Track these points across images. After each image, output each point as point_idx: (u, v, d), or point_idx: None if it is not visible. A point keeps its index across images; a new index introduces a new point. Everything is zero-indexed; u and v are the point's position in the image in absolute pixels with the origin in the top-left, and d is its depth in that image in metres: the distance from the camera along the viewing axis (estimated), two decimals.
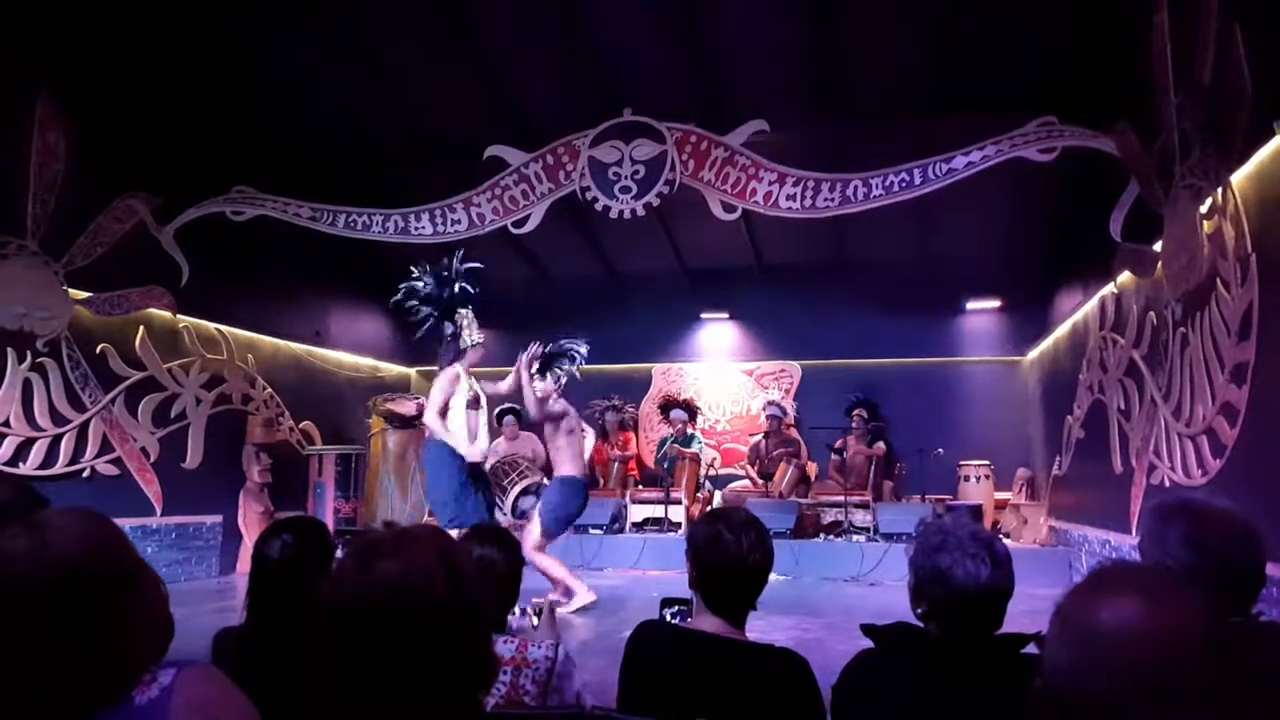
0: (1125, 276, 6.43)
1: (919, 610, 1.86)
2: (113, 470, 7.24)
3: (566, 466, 6.61)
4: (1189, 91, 4.81)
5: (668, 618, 2.16)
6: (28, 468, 6.49)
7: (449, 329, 6.52)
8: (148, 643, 1.27)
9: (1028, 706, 1.04)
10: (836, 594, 7.37)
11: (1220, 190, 4.53)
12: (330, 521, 8.96)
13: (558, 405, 6.72)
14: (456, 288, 6.53)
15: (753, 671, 1.92)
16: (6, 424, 6.41)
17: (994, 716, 1.65)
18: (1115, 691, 0.93)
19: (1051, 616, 1.02)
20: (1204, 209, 4.73)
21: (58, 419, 6.80)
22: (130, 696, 1.19)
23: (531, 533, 6.36)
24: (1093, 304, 7.48)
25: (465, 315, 6.51)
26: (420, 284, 6.59)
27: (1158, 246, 5.50)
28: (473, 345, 6.47)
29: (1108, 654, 0.94)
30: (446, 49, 7.45)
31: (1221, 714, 0.88)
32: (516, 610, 4.87)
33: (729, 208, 7.05)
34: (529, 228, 7.47)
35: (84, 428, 7.01)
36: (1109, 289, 6.87)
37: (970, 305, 10.84)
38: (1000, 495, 9.89)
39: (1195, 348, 4.94)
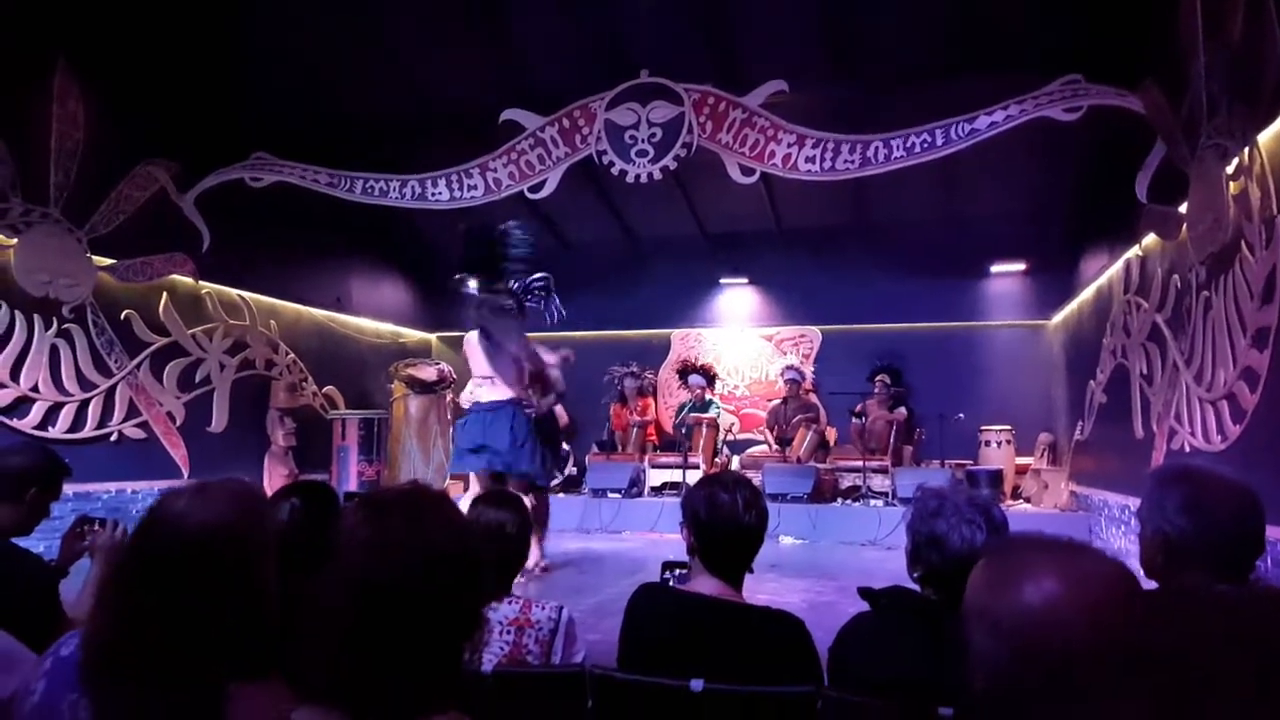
0: (1150, 239, 6.32)
1: (915, 574, 1.87)
2: (140, 434, 7.38)
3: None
4: (1218, 49, 4.69)
5: (669, 581, 2.18)
6: (56, 432, 6.62)
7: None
8: (243, 644, 1.33)
9: (971, 708, 0.99)
10: (852, 558, 7.39)
11: (1247, 150, 4.42)
12: (354, 484, 9.11)
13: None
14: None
15: (750, 633, 1.94)
16: (35, 389, 6.54)
17: None
18: (1021, 681, 0.88)
19: (965, 616, 0.97)
20: (1230, 169, 4.63)
21: (85, 384, 6.92)
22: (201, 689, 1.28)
23: None
24: (1118, 267, 7.37)
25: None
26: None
27: (1183, 208, 5.40)
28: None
29: (1036, 637, 0.90)
30: (461, 12, 7.39)
31: (1178, 682, 0.86)
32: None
33: (747, 170, 6.98)
34: (545, 192, 7.45)
35: (111, 393, 7.14)
36: (1134, 251, 6.75)
37: (994, 269, 10.70)
38: (1022, 460, 9.83)
39: (1218, 311, 4.86)
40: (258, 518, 1.41)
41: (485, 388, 6.19)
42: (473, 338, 6.35)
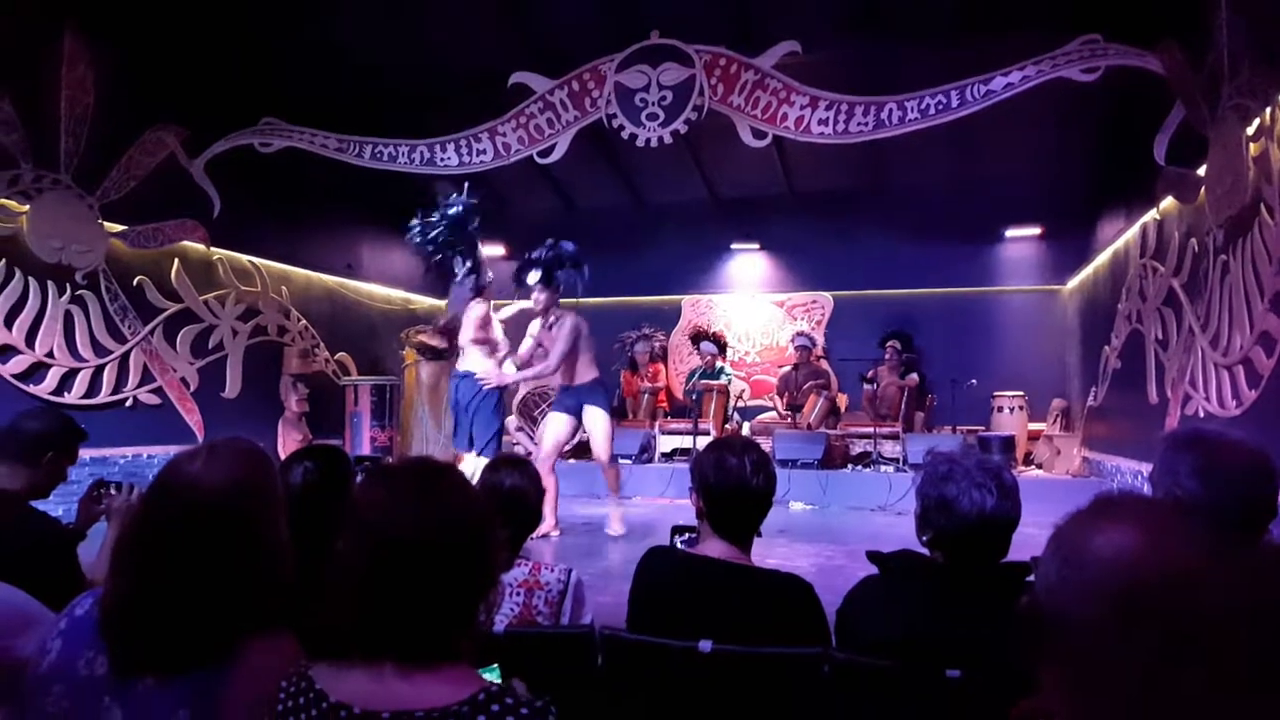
0: (1168, 202, 6.23)
1: (924, 537, 1.87)
2: (154, 400, 7.43)
3: (592, 370, 6.49)
4: (1241, 7, 4.59)
5: (678, 544, 2.19)
6: (72, 397, 6.67)
7: (465, 264, 6.50)
8: (260, 598, 1.37)
9: (1015, 621, 1.04)
10: (863, 523, 7.41)
11: (1268, 111, 4.34)
12: (368, 450, 9.16)
13: (564, 322, 6.37)
14: (475, 222, 6.49)
15: (757, 595, 1.95)
16: (50, 355, 6.58)
17: (994, 641, 1.66)
18: (1098, 616, 0.92)
19: (1049, 537, 1.02)
20: (1250, 131, 4.55)
21: (99, 350, 6.96)
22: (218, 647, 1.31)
23: (606, 448, 6.42)
24: (1134, 231, 7.29)
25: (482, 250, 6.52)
26: (436, 219, 6.58)
27: (1202, 170, 5.32)
28: (489, 281, 6.50)
29: (1095, 579, 0.94)
30: None
31: (1209, 658, 0.86)
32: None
33: (759, 134, 6.90)
34: (555, 157, 7.39)
35: (125, 358, 7.18)
36: (1151, 215, 6.67)
37: (1009, 233, 10.59)
38: (1034, 426, 9.81)
39: (1235, 276, 4.80)
40: (268, 475, 1.45)
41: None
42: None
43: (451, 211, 6.57)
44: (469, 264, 6.48)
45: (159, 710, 1.27)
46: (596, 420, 6.43)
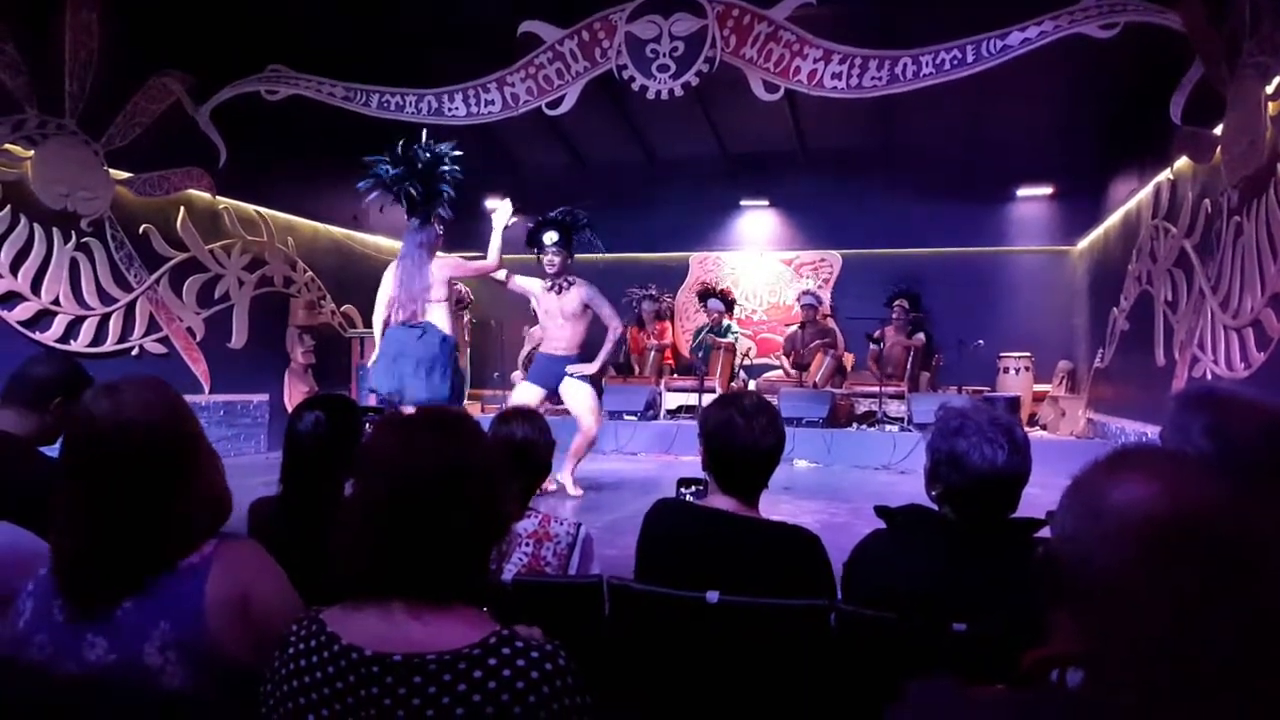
0: (1182, 162, 6.16)
1: (934, 492, 1.86)
2: (160, 349, 7.44)
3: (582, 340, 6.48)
4: None
5: (684, 496, 2.20)
6: (79, 345, 6.68)
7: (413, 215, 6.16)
8: (206, 511, 1.41)
9: (1031, 572, 1.04)
10: (866, 481, 7.44)
11: None
12: (374, 403, 9.17)
13: (583, 287, 6.36)
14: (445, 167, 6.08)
15: (764, 546, 1.96)
16: (56, 302, 6.58)
17: (1001, 595, 1.66)
18: (1123, 559, 0.91)
19: (1067, 488, 1.01)
20: (1270, 89, 4.47)
21: (105, 298, 6.96)
22: (177, 562, 1.34)
23: (592, 420, 6.41)
24: (1147, 191, 7.21)
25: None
26: (397, 162, 6.18)
27: (1219, 130, 5.24)
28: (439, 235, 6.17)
29: (1111, 530, 0.93)
30: None
31: (1255, 585, 0.86)
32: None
33: (771, 87, 6.81)
34: (564, 109, 7.31)
35: (131, 307, 7.18)
36: (1165, 175, 6.59)
37: (1021, 192, 10.49)
38: (1040, 387, 9.80)
39: (1249, 236, 4.76)
40: (176, 398, 1.46)
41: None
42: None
43: (428, 155, 6.12)
44: (419, 215, 6.25)
45: (141, 628, 1.30)
46: (577, 394, 6.34)
